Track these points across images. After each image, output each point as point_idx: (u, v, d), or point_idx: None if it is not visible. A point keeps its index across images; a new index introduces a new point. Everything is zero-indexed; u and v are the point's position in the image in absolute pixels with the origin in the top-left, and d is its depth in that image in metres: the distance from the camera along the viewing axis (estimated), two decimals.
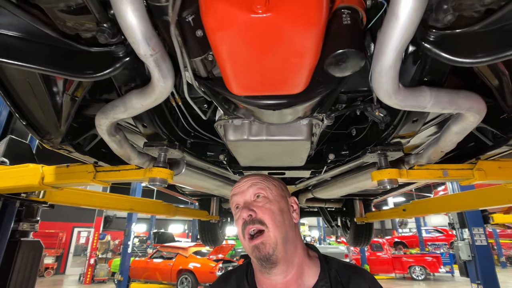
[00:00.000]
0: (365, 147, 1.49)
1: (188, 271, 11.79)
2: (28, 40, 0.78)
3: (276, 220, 0.87)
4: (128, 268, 10.94)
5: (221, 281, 1.02)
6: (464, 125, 1.10)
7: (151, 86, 0.93)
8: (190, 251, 12.51)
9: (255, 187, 0.93)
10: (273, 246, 0.84)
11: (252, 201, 0.92)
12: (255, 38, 0.67)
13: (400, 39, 0.70)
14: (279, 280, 0.88)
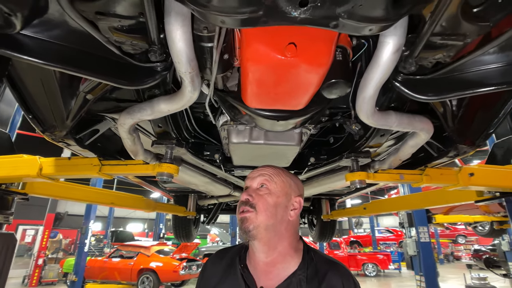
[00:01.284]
0: (341, 153, 1.80)
1: (150, 270, 11.50)
2: (86, 52, 0.93)
3: (267, 210, 1.01)
4: (84, 268, 10.37)
5: (217, 256, 1.18)
6: (417, 140, 1.44)
7: (180, 95, 1.11)
8: (152, 250, 12.23)
9: (262, 177, 1.07)
10: (254, 225, 1.00)
11: (255, 189, 1.06)
12: (280, 71, 0.91)
13: (379, 79, 0.98)
14: (262, 258, 1.03)
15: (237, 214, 1.06)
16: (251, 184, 1.09)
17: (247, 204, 1.03)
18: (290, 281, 0.97)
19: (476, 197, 2.33)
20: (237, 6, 0.64)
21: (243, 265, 1.05)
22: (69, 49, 0.90)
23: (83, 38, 0.89)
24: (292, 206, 1.07)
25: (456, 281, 10.83)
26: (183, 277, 11.43)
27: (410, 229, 6.28)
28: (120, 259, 12.13)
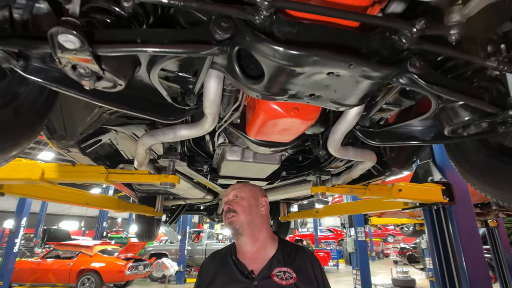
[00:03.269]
0: (307, 170, 2.25)
1: (91, 271, 10.86)
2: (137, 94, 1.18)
3: (244, 210, 1.40)
4: (11, 271, 9.29)
5: (212, 256, 1.52)
6: (365, 166, 1.95)
7: (201, 125, 1.40)
8: (95, 249, 11.56)
9: (234, 191, 1.48)
10: (239, 224, 1.38)
11: (232, 200, 1.46)
12: (283, 122, 1.29)
13: (345, 129, 1.42)
14: (249, 249, 1.37)
15: (225, 220, 1.45)
16: (227, 198, 1.48)
17: (230, 211, 1.42)
18: (272, 262, 1.33)
19: (402, 206, 3.04)
20: (274, 93, 0.99)
21: (235, 258, 1.41)
22: (128, 93, 1.15)
23: (141, 85, 1.16)
24: (261, 204, 1.48)
25: (384, 275, 12.42)
26: (128, 277, 11.05)
27: (350, 229, 7.19)
28: (55, 260, 11.21)
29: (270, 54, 0.85)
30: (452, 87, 1.02)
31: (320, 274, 1.36)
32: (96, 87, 0.88)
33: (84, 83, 0.85)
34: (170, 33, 0.80)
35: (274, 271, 1.29)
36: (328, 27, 0.88)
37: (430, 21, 0.87)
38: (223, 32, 0.83)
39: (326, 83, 0.96)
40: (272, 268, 1.31)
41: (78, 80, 0.84)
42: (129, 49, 0.74)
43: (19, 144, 0.99)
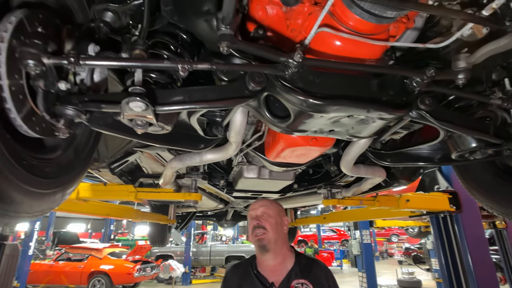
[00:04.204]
0: (318, 183, 2.39)
1: (101, 273, 11.05)
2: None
3: (272, 228, 1.49)
4: (27, 273, 9.57)
5: (233, 268, 1.66)
6: (375, 181, 2.08)
7: (225, 150, 1.53)
8: (104, 252, 11.75)
9: (263, 207, 1.54)
10: (268, 241, 1.50)
11: (260, 216, 1.53)
12: (302, 150, 1.43)
13: (358, 152, 1.55)
14: (271, 263, 1.49)
15: (252, 236, 1.54)
16: (255, 213, 1.55)
17: (260, 227, 1.50)
18: (290, 274, 1.45)
19: (409, 214, 3.17)
20: (298, 131, 1.13)
21: (256, 271, 1.54)
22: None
23: (178, 123, 1.29)
24: (284, 223, 1.59)
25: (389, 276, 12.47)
26: (137, 279, 11.21)
27: (355, 231, 7.30)
28: (67, 262, 11.42)
29: (297, 102, 0.98)
30: (459, 123, 1.14)
31: (334, 285, 1.49)
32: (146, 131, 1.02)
33: (137, 130, 0.98)
34: (213, 91, 0.94)
35: (293, 283, 1.42)
36: (349, 77, 1.01)
37: (439, 69, 0.99)
38: (256, 85, 0.96)
39: (345, 123, 1.09)
40: (291, 280, 1.43)
41: (132, 127, 0.97)
42: (182, 108, 0.88)
43: (78, 179, 1.13)
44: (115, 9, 0.94)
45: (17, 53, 0.74)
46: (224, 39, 0.81)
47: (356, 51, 1.01)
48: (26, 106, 0.83)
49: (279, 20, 1.08)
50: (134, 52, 0.85)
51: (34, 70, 0.74)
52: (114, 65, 0.80)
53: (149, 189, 2.05)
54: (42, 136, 0.91)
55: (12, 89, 0.76)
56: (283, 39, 1.11)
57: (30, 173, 0.83)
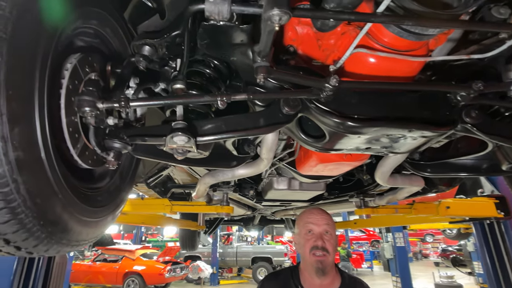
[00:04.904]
0: (349, 191, 2.34)
1: (135, 274, 11.53)
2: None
3: (334, 250, 1.39)
4: (69, 273, 10.22)
5: (271, 279, 1.62)
6: (412, 189, 2.00)
7: (257, 165, 1.55)
8: (137, 253, 12.26)
9: (327, 225, 1.41)
10: (328, 264, 1.45)
11: (323, 234, 1.40)
12: (335, 165, 1.41)
13: (395, 163, 1.50)
14: (318, 282, 1.41)
15: (310, 255, 1.41)
16: (319, 231, 1.41)
17: (324, 249, 1.38)
18: None
19: (449, 220, 3.00)
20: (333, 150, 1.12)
21: (300, 286, 1.48)
22: None
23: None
24: (337, 242, 1.50)
25: (425, 279, 11.87)
26: (168, 279, 11.58)
27: (387, 234, 7.04)
28: (103, 263, 12.05)
29: (333, 125, 0.97)
30: (510, 135, 1.06)
31: None
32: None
33: (178, 157, 1.03)
34: (249, 119, 0.95)
35: None
36: (386, 96, 0.98)
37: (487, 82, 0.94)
38: (291, 109, 0.97)
39: (384, 141, 1.06)
40: None
41: (173, 153, 1.02)
42: (220, 137, 0.91)
43: (125, 200, 1.21)
44: (153, 43, 0.99)
45: (75, 100, 0.80)
46: (261, 71, 0.82)
47: (393, 68, 0.98)
48: (80, 142, 0.90)
49: (309, 40, 1.07)
50: (174, 87, 0.89)
51: (90, 115, 0.80)
52: (159, 104, 0.85)
53: (183, 203, 2.13)
54: (93, 167, 0.98)
55: (70, 130, 0.83)
56: (314, 58, 1.11)
57: (86, 204, 0.89)
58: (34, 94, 0.65)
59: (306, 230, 1.44)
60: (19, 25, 0.61)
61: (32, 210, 0.66)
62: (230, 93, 0.85)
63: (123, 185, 1.18)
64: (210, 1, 0.70)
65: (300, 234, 1.47)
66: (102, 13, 0.96)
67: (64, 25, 0.76)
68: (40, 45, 0.67)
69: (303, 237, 1.45)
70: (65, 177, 0.79)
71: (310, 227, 1.44)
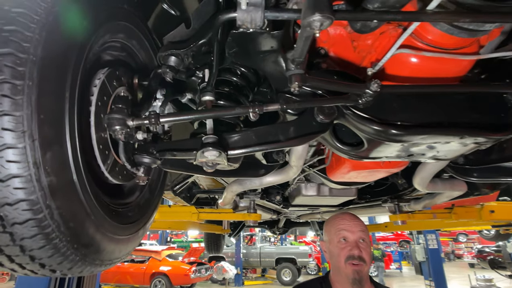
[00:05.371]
0: (382, 196, 2.21)
1: (161, 274, 11.80)
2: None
3: (369, 259, 1.28)
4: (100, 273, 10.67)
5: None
6: (453, 194, 1.85)
7: (285, 173, 1.49)
8: (163, 254, 12.54)
9: (362, 232, 1.30)
10: (364, 274, 1.35)
11: (358, 242, 1.28)
12: (369, 172, 1.31)
13: (437, 169, 1.38)
14: None
15: (346, 264, 1.30)
16: (354, 238, 1.30)
17: (361, 259, 1.27)
18: None
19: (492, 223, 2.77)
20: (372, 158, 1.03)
21: None
22: None
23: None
24: None
25: (459, 281, 11.22)
26: (193, 280, 11.75)
27: (418, 236, 6.70)
28: (131, 263, 12.44)
29: (373, 132, 0.89)
30: None
31: None
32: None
33: (207, 170, 0.99)
34: (282, 130, 0.90)
35: None
36: (433, 100, 0.88)
37: None
38: (326, 118, 0.90)
39: (430, 148, 0.97)
40: None
41: (202, 166, 0.98)
42: (252, 150, 0.86)
43: (155, 212, 1.19)
44: (179, 53, 0.96)
45: (104, 119, 0.78)
46: (295, 79, 0.76)
47: (439, 69, 0.88)
48: (110, 158, 0.88)
49: (342, 41, 0.99)
50: (204, 99, 0.85)
51: (120, 133, 0.78)
52: (189, 119, 0.81)
53: (210, 210, 2.11)
54: (123, 183, 0.97)
55: (100, 147, 0.82)
56: (347, 60, 1.03)
57: (118, 222, 0.88)
58: (64, 115, 0.63)
59: (340, 237, 1.33)
60: (48, 47, 0.59)
61: (65, 234, 0.65)
62: (262, 104, 0.79)
63: (153, 198, 1.17)
64: (242, 9, 0.65)
65: (332, 242, 1.35)
66: (129, 26, 0.94)
67: (92, 42, 0.75)
68: (70, 65, 0.65)
69: (336, 246, 1.34)
70: (96, 197, 0.77)
71: (344, 235, 1.32)
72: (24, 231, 0.59)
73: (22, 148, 0.55)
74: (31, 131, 0.55)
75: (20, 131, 0.54)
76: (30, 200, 0.57)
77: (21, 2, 0.57)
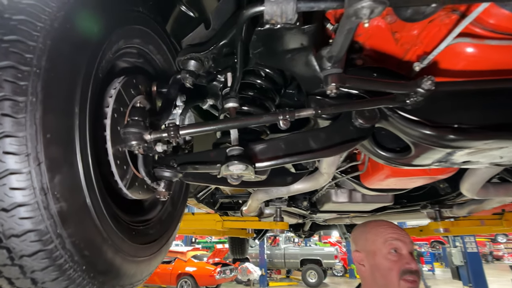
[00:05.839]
0: (421, 200, 2.02)
1: (187, 275, 11.97)
2: None
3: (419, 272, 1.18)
4: None
5: None
6: (505, 199, 1.63)
7: (315, 180, 1.37)
8: (188, 255, 12.72)
9: (411, 244, 1.15)
10: None
11: (410, 255, 1.13)
12: (410, 179, 1.17)
13: (491, 175, 1.21)
14: None
15: (402, 281, 1.12)
16: (406, 249, 1.14)
17: (415, 273, 1.11)
18: None
19: None
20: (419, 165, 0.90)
21: None
22: None
23: None
24: None
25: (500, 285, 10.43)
26: (218, 281, 11.81)
27: (455, 238, 6.26)
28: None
29: (425, 138, 0.75)
30: None
31: None
32: None
33: (232, 182, 0.90)
34: (315, 138, 0.78)
35: None
36: (498, 97, 0.74)
37: None
38: (367, 122, 0.78)
39: (493, 154, 0.82)
40: None
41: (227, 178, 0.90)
42: (283, 162, 0.76)
43: (177, 228, 1.12)
44: (199, 56, 0.88)
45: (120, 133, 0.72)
46: (332, 80, 0.65)
47: (506, 60, 0.73)
48: (129, 173, 0.82)
49: (381, 33, 0.87)
50: (227, 106, 0.77)
51: (137, 148, 0.71)
52: (212, 130, 0.73)
53: (235, 218, 2.04)
54: (143, 198, 0.90)
55: (118, 162, 0.75)
56: (388, 55, 0.90)
57: (139, 242, 0.81)
58: (74, 133, 0.57)
59: (390, 248, 1.15)
60: (54, 57, 0.53)
61: (80, 264, 0.58)
62: (294, 110, 0.69)
63: (176, 210, 1.10)
64: (271, 1, 0.55)
65: (378, 254, 1.16)
66: (144, 30, 0.87)
67: (104, 49, 0.68)
68: (79, 76, 0.58)
69: (385, 258, 1.15)
70: (114, 218, 0.70)
71: (395, 245, 1.14)
72: (34, 263, 0.53)
73: (27, 173, 0.49)
74: (36, 153, 0.49)
75: (24, 154, 0.48)
76: (38, 230, 0.51)
77: (22, 8, 0.51)
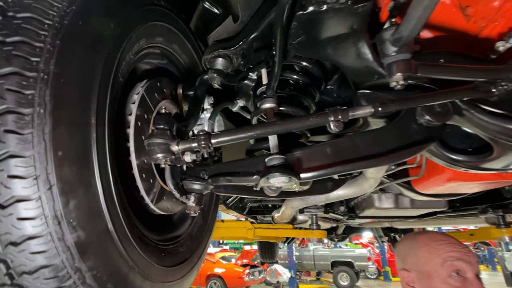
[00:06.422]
0: (478, 204, 1.78)
1: (216, 276, 12.05)
2: None
3: None
4: None
5: None
6: None
7: (359, 185, 1.22)
8: (217, 256, 12.83)
9: (477, 265, 0.99)
10: None
11: (477, 279, 0.97)
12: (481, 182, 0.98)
13: None
14: None
15: None
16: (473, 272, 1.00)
17: None
18: None
19: None
20: (500, 170, 0.73)
21: None
22: None
23: None
24: None
25: None
26: (247, 283, 11.77)
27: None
28: None
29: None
30: None
31: None
32: None
33: (269, 194, 0.79)
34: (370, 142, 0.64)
35: None
36: None
37: None
38: (437, 119, 0.62)
39: None
40: None
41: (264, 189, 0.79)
42: (331, 172, 0.63)
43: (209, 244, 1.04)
44: (227, 53, 0.78)
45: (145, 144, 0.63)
46: (398, 68, 0.51)
47: None
48: (156, 186, 0.73)
49: (446, 9, 0.71)
50: (264, 107, 0.65)
51: (163, 161, 0.62)
52: (249, 137, 0.62)
53: (267, 225, 1.93)
54: (172, 213, 0.82)
55: (143, 176, 0.67)
56: (453, 36, 0.73)
57: (169, 265, 0.72)
58: (91, 148, 0.48)
59: (450, 271, 0.98)
60: (64, 60, 0.44)
61: None
62: (347, 109, 0.56)
63: (207, 223, 1.00)
64: None
65: (435, 276, 0.99)
66: (167, 27, 0.78)
67: (123, 49, 0.59)
68: (95, 81, 0.50)
69: (444, 282, 0.97)
70: (140, 241, 0.62)
71: (457, 267, 0.97)
72: None
73: (37, 199, 0.40)
74: (46, 176, 0.41)
75: (32, 177, 0.40)
76: (53, 265, 0.43)
77: (27, 5, 0.43)
